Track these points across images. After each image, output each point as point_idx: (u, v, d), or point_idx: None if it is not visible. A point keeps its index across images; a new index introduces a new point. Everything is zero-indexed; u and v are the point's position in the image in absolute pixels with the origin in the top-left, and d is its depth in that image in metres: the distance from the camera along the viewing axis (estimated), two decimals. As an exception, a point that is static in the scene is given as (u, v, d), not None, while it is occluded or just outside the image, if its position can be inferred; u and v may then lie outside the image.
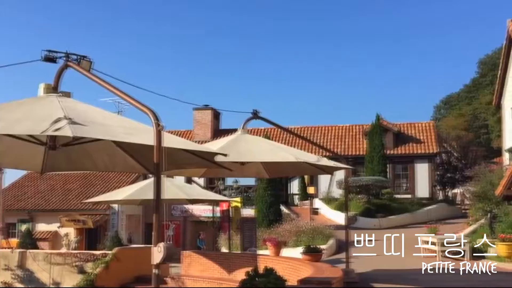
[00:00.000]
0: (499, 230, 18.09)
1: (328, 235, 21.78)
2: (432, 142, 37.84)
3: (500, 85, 26.70)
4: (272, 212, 25.72)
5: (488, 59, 63.54)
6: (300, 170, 13.66)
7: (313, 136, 40.10)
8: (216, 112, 41.92)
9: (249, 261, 13.03)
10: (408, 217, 30.73)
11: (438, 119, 68.14)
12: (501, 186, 16.43)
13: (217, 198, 18.53)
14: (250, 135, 10.19)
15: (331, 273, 9.63)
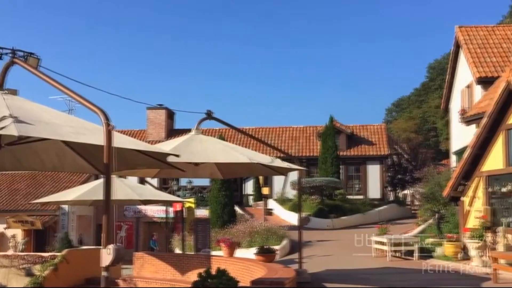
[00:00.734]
0: (446, 230, 18.64)
1: (282, 235, 21.89)
2: (384, 144, 38.69)
3: (448, 89, 27.54)
4: (226, 213, 25.66)
5: (437, 64, 65.50)
6: (253, 171, 13.67)
7: (268, 137, 40.31)
8: (170, 112, 41.52)
9: (203, 262, 12.94)
10: (360, 218, 31.29)
11: (389, 121, 69.75)
12: (448, 188, 16.91)
13: (171, 199, 18.32)
14: (204, 136, 10.12)
15: (284, 273, 9.66)
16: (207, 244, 16.72)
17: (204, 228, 16.98)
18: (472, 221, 15.77)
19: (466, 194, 16.26)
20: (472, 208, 16.00)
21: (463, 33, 24.49)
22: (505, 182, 14.63)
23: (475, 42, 23.84)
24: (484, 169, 15.53)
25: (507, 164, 14.64)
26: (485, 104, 17.80)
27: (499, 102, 14.58)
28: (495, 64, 22.22)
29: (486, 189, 15.42)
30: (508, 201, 14.81)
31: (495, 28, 25.47)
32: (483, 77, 21.72)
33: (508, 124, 14.52)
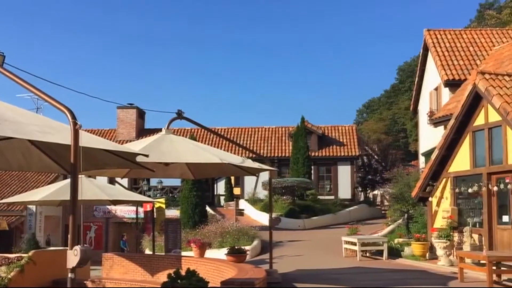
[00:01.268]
0: (415, 230, 18.90)
1: (253, 236, 21.90)
2: (354, 145, 39.08)
3: (417, 91, 27.97)
4: (197, 213, 25.52)
5: (406, 66, 66.47)
6: (225, 171, 13.65)
7: (239, 138, 40.28)
8: (141, 111, 41.11)
9: (173, 263, 12.86)
10: (330, 218, 31.52)
11: (360, 122, 70.49)
12: (417, 188, 17.15)
13: (141, 199, 18.13)
14: (174, 136, 10.03)
15: (255, 274, 9.66)
16: (177, 244, 16.59)
17: (175, 228, 16.84)
18: (440, 221, 16.03)
19: (434, 195, 16.52)
20: (439, 208, 16.27)
21: (431, 36, 24.90)
22: (472, 183, 14.91)
23: (443, 45, 24.26)
24: (451, 170, 15.81)
25: (473, 165, 14.93)
26: (453, 106, 18.14)
27: (465, 104, 14.85)
28: (462, 67, 22.66)
29: (453, 189, 15.70)
30: (474, 202, 15.10)
31: (463, 31, 25.96)
32: (451, 79, 22.11)
33: (474, 126, 14.81)
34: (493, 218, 14.22)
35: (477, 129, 14.74)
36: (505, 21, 44.97)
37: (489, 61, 20.52)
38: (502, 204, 14.05)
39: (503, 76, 14.48)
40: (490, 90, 13.83)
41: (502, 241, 13.88)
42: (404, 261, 16.41)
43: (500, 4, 56.13)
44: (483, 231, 14.40)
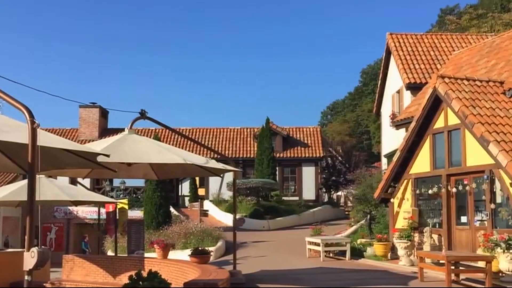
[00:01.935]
0: (377, 230, 19.19)
1: (217, 236, 21.83)
2: (319, 146, 39.41)
3: (380, 94, 28.42)
4: (161, 214, 25.27)
5: (370, 69, 67.54)
6: (189, 172, 13.55)
7: (204, 138, 40.12)
8: (104, 110, 40.47)
9: (136, 265, 12.70)
10: (295, 219, 31.69)
11: (324, 124, 71.23)
12: (379, 189, 17.41)
13: (103, 200, 17.83)
14: (137, 135, 9.89)
15: (218, 275, 9.61)
16: (140, 246, 16.41)
17: (138, 229, 16.66)
18: (401, 222, 16.32)
19: (396, 196, 16.81)
20: (401, 209, 16.56)
21: (394, 40, 25.33)
22: (431, 184, 15.23)
23: (405, 49, 24.71)
24: (412, 171, 16.12)
25: (433, 167, 15.26)
26: (414, 109, 18.51)
27: (426, 107, 15.17)
28: (423, 71, 23.13)
29: (414, 191, 16.01)
30: (434, 203, 15.43)
31: (424, 36, 26.50)
32: (412, 83, 22.55)
33: (434, 128, 15.14)
34: (452, 218, 14.56)
35: (437, 131, 15.07)
36: (465, 27, 46.20)
37: (449, 65, 21.03)
38: (461, 205, 14.41)
39: (462, 80, 14.86)
40: (449, 93, 14.17)
41: (461, 241, 14.23)
42: (366, 261, 16.64)
43: (460, 10, 57.67)
44: (442, 231, 14.73)
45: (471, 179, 13.89)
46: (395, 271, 14.30)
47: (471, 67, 18.50)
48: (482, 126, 13.12)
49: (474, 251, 13.25)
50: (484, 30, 38.45)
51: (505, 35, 18.81)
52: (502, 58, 16.96)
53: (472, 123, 13.31)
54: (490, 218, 13.16)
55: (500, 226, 12.89)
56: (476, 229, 13.60)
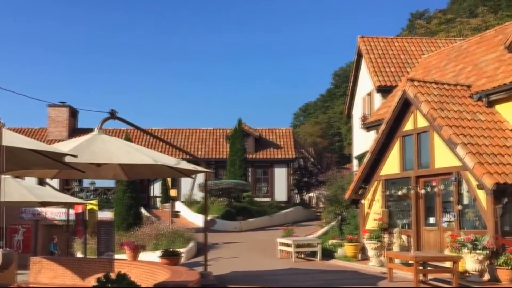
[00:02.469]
0: (347, 231, 19.35)
1: (189, 238, 21.70)
2: (291, 148, 39.57)
3: (351, 96, 28.70)
4: (131, 215, 24.99)
5: (341, 71, 68.12)
6: (159, 173, 13.45)
7: (176, 139, 39.88)
8: (73, 110, 39.82)
9: (105, 266, 12.53)
10: (267, 220, 31.73)
11: (297, 126, 71.56)
12: (349, 191, 17.57)
13: (71, 201, 17.57)
14: (107, 136, 9.76)
15: (188, 276, 9.56)
16: (110, 247, 16.23)
17: (108, 230, 16.48)
18: (371, 223, 16.50)
19: (366, 197, 16.99)
20: (371, 210, 16.74)
21: (365, 43, 25.61)
22: (401, 186, 15.45)
23: (376, 52, 25.01)
24: (382, 173, 16.32)
25: (402, 169, 15.48)
26: (384, 112, 18.74)
27: (396, 110, 15.39)
28: (394, 74, 23.46)
29: (384, 192, 16.21)
30: (403, 204, 15.64)
31: (394, 39, 26.88)
32: (382, 85, 22.84)
33: (404, 131, 15.37)
34: (421, 219, 14.79)
35: (406, 134, 15.30)
36: (434, 31, 47.04)
37: (419, 68, 21.38)
38: (429, 206, 14.65)
39: (431, 84, 15.13)
40: (418, 96, 14.41)
41: (429, 242, 14.47)
42: (337, 262, 16.77)
43: (429, 15, 58.68)
44: (411, 232, 14.95)
45: (439, 180, 14.14)
46: (364, 272, 14.46)
47: (440, 71, 18.85)
48: (450, 128, 13.38)
49: (442, 252, 13.51)
50: (452, 35, 39.20)
51: (473, 40, 19.23)
52: (470, 63, 17.33)
53: (440, 126, 13.56)
54: (457, 219, 13.42)
55: (466, 227, 13.16)
56: (444, 230, 13.86)
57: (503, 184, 12.04)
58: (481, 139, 13.36)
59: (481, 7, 49.05)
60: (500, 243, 12.10)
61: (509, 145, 13.46)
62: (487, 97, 14.69)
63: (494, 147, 13.22)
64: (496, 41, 16.85)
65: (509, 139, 13.70)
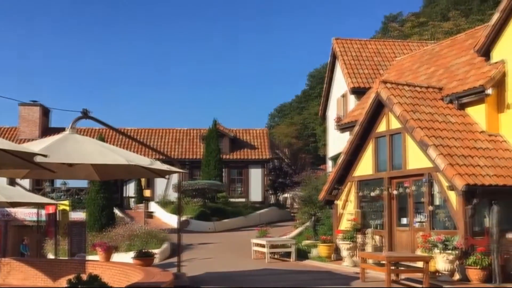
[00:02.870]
0: (321, 232, 19.47)
1: (163, 239, 21.55)
2: (266, 149, 39.66)
3: (325, 97, 28.91)
4: (104, 216, 24.72)
5: (317, 72, 68.47)
6: (133, 173, 13.34)
7: (151, 139, 39.60)
8: (46, 109, 39.18)
9: (77, 268, 12.41)
10: (241, 220, 31.73)
11: (272, 126, 71.69)
12: (324, 191, 17.69)
13: (43, 201, 17.29)
14: (79, 135, 9.63)
15: (162, 277, 9.52)
16: (82, 248, 16.05)
17: (80, 231, 16.30)
18: (345, 224, 16.64)
19: (340, 198, 17.12)
20: (344, 211, 16.87)
21: (339, 45, 25.82)
22: (374, 187, 15.62)
23: (350, 54, 25.24)
24: (356, 174, 16.47)
25: (375, 170, 15.65)
26: (358, 113, 18.93)
27: (369, 112, 15.55)
28: (367, 76, 23.71)
29: (357, 193, 16.36)
30: (376, 205, 15.82)
31: (368, 42, 27.17)
32: (356, 87, 23.08)
33: (377, 132, 15.54)
34: (393, 220, 14.97)
35: (380, 135, 15.47)
36: (407, 34, 47.68)
37: (392, 71, 21.65)
38: (402, 207, 14.84)
39: (403, 86, 15.34)
40: (391, 98, 14.59)
41: (401, 242, 14.66)
42: (311, 263, 16.86)
43: (403, 18, 59.46)
44: (384, 232, 15.12)
45: (411, 182, 14.34)
46: (338, 272, 14.57)
47: (412, 73, 19.11)
48: (422, 130, 13.59)
49: (414, 252, 13.69)
50: (425, 38, 39.82)
51: (444, 44, 19.55)
52: (441, 66, 17.61)
53: (413, 128, 13.76)
54: (428, 219, 13.63)
55: (438, 228, 13.38)
56: (416, 230, 14.05)
57: (473, 185, 12.27)
58: (452, 141, 13.60)
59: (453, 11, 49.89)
60: (470, 243, 12.33)
61: (479, 147, 13.73)
62: (458, 99, 14.95)
63: (465, 149, 13.47)
64: (467, 44, 17.17)
65: (479, 141, 13.97)
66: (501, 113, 14.38)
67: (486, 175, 12.74)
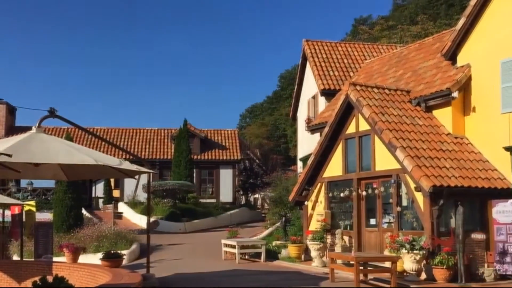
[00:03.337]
0: (291, 232, 19.57)
1: (132, 239, 21.32)
2: (236, 149, 39.64)
3: (296, 99, 29.06)
4: (72, 216, 24.30)
5: (288, 74, 68.85)
6: (102, 173, 13.18)
7: (120, 139, 39.16)
8: (11, 107, 38.31)
9: (43, 270, 12.15)
10: (212, 221, 31.63)
11: (243, 127, 71.75)
12: (294, 192, 17.79)
13: (7, 201, 16.88)
14: (46, 135, 9.44)
15: (130, 278, 9.41)
16: (49, 249, 15.71)
17: (46, 232, 15.94)
18: (314, 224, 16.75)
19: (310, 199, 17.23)
20: (314, 211, 16.99)
21: (310, 47, 25.98)
22: (343, 188, 15.78)
23: (320, 56, 25.42)
24: (325, 175, 16.60)
25: (345, 171, 15.81)
26: (328, 115, 19.09)
27: (339, 113, 15.70)
28: (338, 78, 23.93)
29: (327, 194, 16.50)
30: (345, 206, 15.99)
31: (338, 44, 27.41)
32: (327, 89, 23.26)
33: (347, 134, 15.70)
34: (362, 221, 15.15)
35: (349, 137, 15.64)
36: (376, 37, 48.36)
37: (361, 73, 21.91)
38: (370, 208, 15.03)
39: (372, 88, 15.54)
40: (360, 100, 14.77)
41: (370, 243, 14.84)
42: (281, 263, 16.91)
43: (372, 21, 60.32)
44: (353, 233, 15.28)
45: (379, 183, 14.54)
46: (307, 272, 14.65)
47: (381, 76, 19.38)
48: (390, 132, 13.79)
49: (382, 252, 13.87)
50: (394, 41, 40.42)
51: (412, 47, 19.89)
52: (409, 69, 17.91)
53: (381, 130, 13.95)
54: (396, 220, 13.84)
55: (405, 228, 13.59)
56: (384, 231, 14.25)
57: (439, 187, 12.51)
58: (419, 143, 13.83)
59: (421, 15, 50.83)
60: (436, 244, 12.57)
61: (445, 149, 14.01)
62: (425, 102, 15.23)
63: (431, 150, 13.73)
64: (434, 48, 17.50)
65: (445, 143, 14.26)
66: (467, 116, 14.72)
67: (452, 176, 13.01)
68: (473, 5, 14.41)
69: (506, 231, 12.55)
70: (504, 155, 13.51)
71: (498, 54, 13.90)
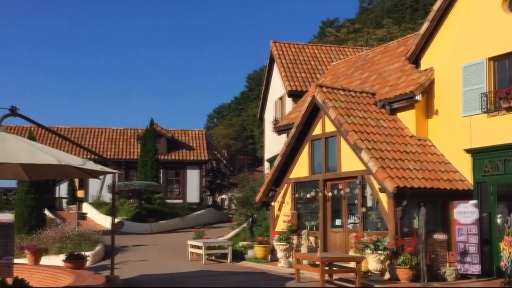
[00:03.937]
0: (258, 233, 19.61)
1: (96, 241, 20.99)
2: (203, 150, 39.51)
3: (263, 100, 29.16)
4: (34, 217, 23.77)
5: (255, 75, 69.01)
6: (65, 173, 12.91)
7: (85, 138, 38.52)
8: (-28, 105, 37.25)
9: (3, 272, 11.84)
10: (178, 222, 31.44)
11: (210, 127, 71.55)
12: (261, 193, 17.84)
13: (-33, 202, 16.43)
14: (6, 133, 9.20)
15: (93, 280, 9.31)
16: (9, 251, 15.31)
17: (7, 233, 15.51)
18: (281, 225, 16.83)
19: (276, 200, 17.30)
20: (281, 212, 17.06)
21: (277, 48, 26.09)
22: (310, 189, 15.90)
23: (288, 57, 25.55)
24: (292, 176, 16.70)
25: (311, 172, 15.94)
26: (294, 116, 19.21)
27: (305, 114, 15.82)
28: (304, 79, 24.10)
29: (293, 195, 16.59)
30: (311, 206, 16.10)
31: (305, 46, 27.61)
32: (294, 90, 23.40)
33: (313, 135, 15.83)
34: (328, 221, 15.30)
35: (315, 138, 15.77)
36: (343, 39, 48.98)
37: (328, 75, 22.13)
38: (336, 209, 15.19)
39: (338, 90, 15.72)
40: (327, 102, 14.91)
41: (335, 243, 15.00)
42: (247, 264, 16.93)
43: (339, 23, 61.05)
44: (319, 233, 15.41)
45: (345, 184, 14.71)
46: (273, 273, 14.71)
47: (347, 78, 19.62)
48: (356, 134, 13.97)
49: (347, 253, 14.04)
50: (360, 44, 41.02)
51: (377, 50, 20.20)
52: (375, 71, 18.18)
53: (347, 131, 14.12)
54: (361, 221, 14.02)
55: (370, 229, 13.78)
56: (349, 231, 14.42)
57: (403, 188, 12.75)
58: (383, 145, 14.06)
59: (386, 19, 51.74)
60: (400, 244, 12.80)
61: (409, 151, 14.28)
62: (390, 105, 15.49)
63: (396, 152, 13.97)
64: (398, 52, 17.82)
65: (409, 145, 14.53)
66: (429, 119, 15.03)
67: (416, 177, 13.27)
68: (436, 10, 14.73)
69: (466, 232, 12.87)
70: (465, 157, 13.86)
71: (460, 58, 14.24)
